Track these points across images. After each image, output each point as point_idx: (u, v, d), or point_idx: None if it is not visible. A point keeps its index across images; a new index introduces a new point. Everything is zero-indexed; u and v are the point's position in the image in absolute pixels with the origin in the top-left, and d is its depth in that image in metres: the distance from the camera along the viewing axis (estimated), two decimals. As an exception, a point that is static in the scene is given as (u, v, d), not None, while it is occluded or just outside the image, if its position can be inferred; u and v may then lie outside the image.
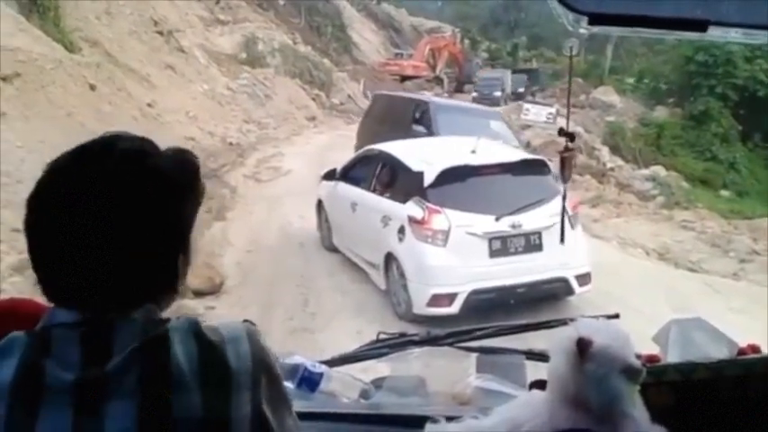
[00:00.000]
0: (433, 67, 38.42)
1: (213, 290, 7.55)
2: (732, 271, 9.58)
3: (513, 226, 6.60)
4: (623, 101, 27.67)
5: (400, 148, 8.05)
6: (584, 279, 6.90)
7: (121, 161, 1.00)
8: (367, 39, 41.74)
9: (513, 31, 53.64)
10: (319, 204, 9.16)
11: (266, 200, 11.90)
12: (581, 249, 7.06)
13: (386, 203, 7.31)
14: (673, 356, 1.55)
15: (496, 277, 6.49)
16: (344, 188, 8.38)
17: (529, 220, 6.64)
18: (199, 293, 7.39)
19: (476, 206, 6.66)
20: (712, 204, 15.96)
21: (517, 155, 7.72)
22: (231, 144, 17.44)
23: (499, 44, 49.93)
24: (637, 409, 1.30)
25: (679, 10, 1.03)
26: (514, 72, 38.44)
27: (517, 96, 33.06)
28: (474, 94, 31.77)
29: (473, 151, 7.19)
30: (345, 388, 1.60)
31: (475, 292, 6.43)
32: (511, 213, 6.62)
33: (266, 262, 8.76)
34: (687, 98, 23.64)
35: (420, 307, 6.50)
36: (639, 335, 1.43)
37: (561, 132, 1.84)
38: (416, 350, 1.76)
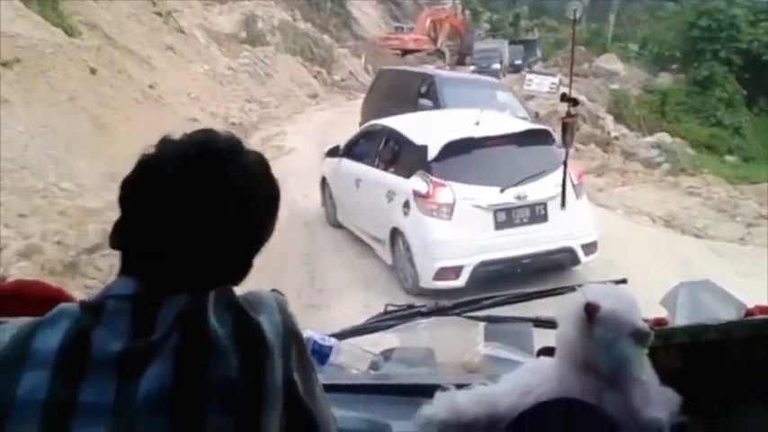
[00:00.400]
0: (435, 40, 38.07)
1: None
2: (739, 236, 9.55)
3: (519, 197, 6.58)
4: (627, 68, 27.42)
5: (403, 123, 8.00)
6: (590, 248, 6.87)
7: (222, 162, 1.06)
8: (367, 13, 41.35)
9: (515, 1, 53.04)
10: (323, 181, 9.14)
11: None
12: (587, 218, 7.02)
13: (390, 178, 7.28)
14: (681, 319, 1.55)
15: (502, 249, 6.48)
16: (348, 164, 8.35)
17: (534, 191, 6.62)
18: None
19: (480, 178, 6.62)
20: (718, 170, 15.88)
21: (521, 125, 7.62)
22: (233, 124, 17.36)
23: (500, 15, 49.38)
24: (645, 373, 1.31)
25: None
26: (511, 43, 37.94)
27: (515, 68, 32.74)
28: (471, 67, 30.27)
29: (477, 123, 7.13)
30: (355, 360, 1.61)
31: (481, 265, 6.42)
32: (516, 185, 6.58)
33: (271, 241, 8.75)
34: (691, 64, 23.40)
35: (427, 281, 6.50)
36: (646, 301, 1.42)
37: (564, 98, 1.82)
38: (424, 321, 1.76)
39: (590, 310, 1.31)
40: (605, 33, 35.07)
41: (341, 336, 1.69)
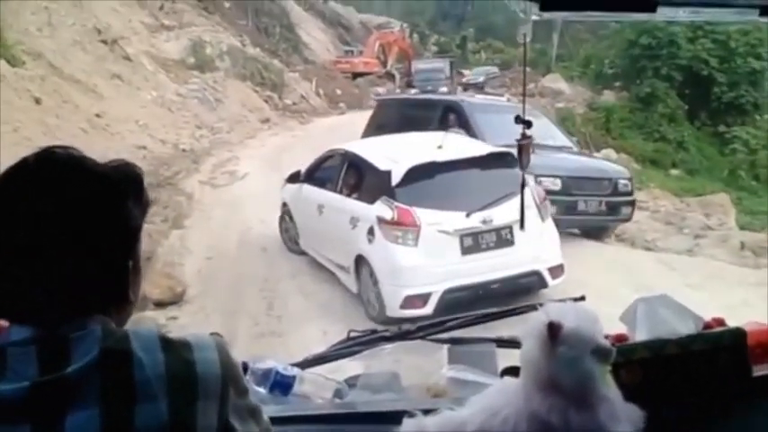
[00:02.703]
0: (384, 63, 38.42)
1: (175, 299, 7.44)
2: (687, 247, 9.82)
3: (484, 221, 6.51)
4: (571, 87, 28.07)
5: (366, 147, 7.98)
6: (556, 271, 6.82)
7: (61, 169, 0.99)
8: (316, 37, 41.53)
9: (461, 24, 54.00)
10: (284, 207, 8.99)
11: (224, 205, 11.75)
12: (553, 241, 6.99)
13: (353, 204, 7.17)
14: (641, 335, 1.57)
15: (469, 275, 6.40)
16: (310, 190, 8.25)
17: (499, 215, 6.50)
18: (160, 304, 7.28)
19: (445, 203, 6.56)
20: (664, 183, 16.29)
21: (484, 148, 7.55)
22: (184, 150, 17.19)
23: (447, 37, 50.19)
24: (610, 389, 1.32)
25: (629, -9, 1.04)
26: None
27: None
28: (412, 90, 26.81)
29: (440, 147, 7.07)
30: (319, 389, 1.59)
31: (448, 291, 6.32)
32: (481, 209, 6.53)
33: (228, 268, 8.65)
34: (633, 81, 24.06)
35: (393, 309, 6.35)
36: (603, 316, 1.44)
37: (518, 120, 1.85)
38: (388, 346, 1.75)
39: (553, 329, 1.31)
40: (549, 53, 35.93)
41: (303, 365, 1.66)
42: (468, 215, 6.47)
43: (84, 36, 18.62)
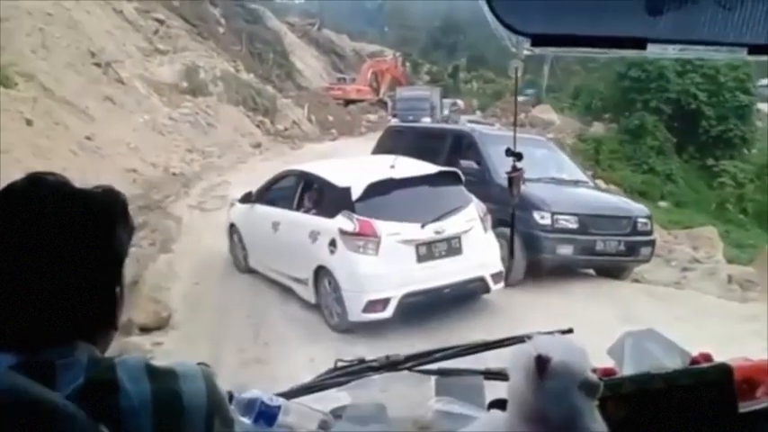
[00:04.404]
0: (377, 91, 38.66)
1: (160, 325, 7.38)
2: (675, 280, 9.84)
3: (437, 232, 7.22)
4: (561, 118, 28.35)
5: (321, 168, 8.56)
6: (498, 277, 7.47)
7: (52, 195, 0.99)
8: (309, 64, 41.82)
9: (454, 54, 54.53)
10: (231, 228, 9.37)
11: (213, 230, 11.65)
12: (494, 250, 7.59)
13: (313, 219, 7.64)
14: (628, 369, 1.57)
15: (424, 281, 7.02)
16: (263, 209, 8.71)
17: (450, 226, 7.30)
18: (145, 329, 7.21)
19: (401, 216, 7.20)
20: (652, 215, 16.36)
21: (433, 168, 8.15)
22: (175, 174, 17.15)
23: (440, 66, 50.64)
24: (597, 424, 1.31)
25: (618, 29, 1.05)
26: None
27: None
28: (393, 120, 24.76)
29: (392, 166, 7.66)
30: (304, 420, 1.57)
31: (406, 296, 6.92)
32: (434, 220, 7.23)
33: (215, 293, 8.59)
34: (622, 113, 24.32)
35: (356, 314, 6.92)
36: (590, 348, 1.44)
37: (508, 152, 1.87)
38: (375, 376, 1.74)
39: (541, 362, 1.31)
40: (540, 84, 36.29)
41: (289, 395, 1.64)
42: (423, 226, 7.16)
43: (77, 58, 18.65)
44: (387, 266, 6.96)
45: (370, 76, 39.03)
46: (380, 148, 12.15)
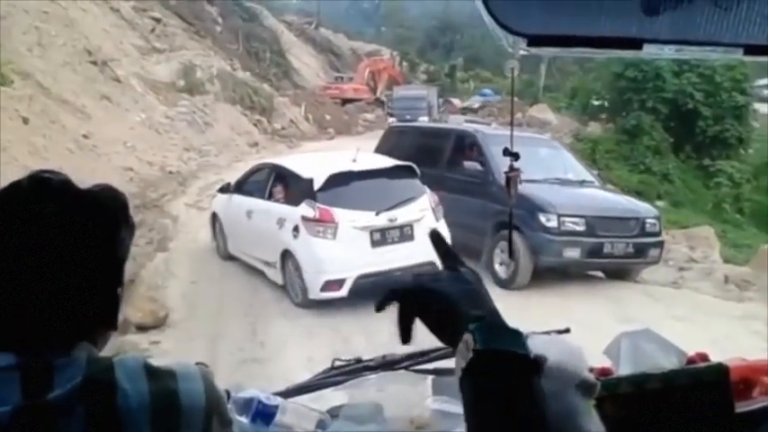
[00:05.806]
0: (374, 90, 38.69)
1: (157, 323, 7.37)
2: (672, 280, 9.84)
3: (390, 220, 7.83)
4: (558, 118, 28.40)
5: (290, 161, 9.33)
6: None
7: (57, 195, 0.98)
8: (306, 63, 41.81)
9: (450, 53, 54.57)
10: (214, 217, 10.04)
11: (210, 228, 11.68)
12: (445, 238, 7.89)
13: (281, 208, 8.31)
14: (624, 369, 1.57)
15: (378, 264, 7.52)
16: (239, 199, 9.35)
17: (403, 215, 7.91)
18: (142, 328, 7.21)
19: (359, 204, 7.79)
20: (649, 215, 16.35)
21: (390, 162, 8.77)
22: (171, 173, 17.15)
23: (437, 66, 50.70)
24: (594, 424, 1.31)
25: (615, 29, 1.05)
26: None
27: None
28: (390, 119, 24.93)
29: (354, 160, 8.25)
30: (301, 419, 1.57)
31: (360, 277, 7.46)
32: (388, 209, 7.84)
33: (212, 292, 8.59)
34: (619, 113, 24.31)
35: (315, 293, 7.59)
36: (587, 347, 1.44)
37: (506, 152, 1.86)
38: (372, 376, 1.74)
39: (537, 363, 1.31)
40: (537, 84, 36.34)
41: (286, 394, 1.64)
42: (377, 214, 7.77)
43: (74, 57, 18.62)
44: (343, 250, 7.57)
45: (368, 75, 39.07)
46: (382, 149, 11.82)
